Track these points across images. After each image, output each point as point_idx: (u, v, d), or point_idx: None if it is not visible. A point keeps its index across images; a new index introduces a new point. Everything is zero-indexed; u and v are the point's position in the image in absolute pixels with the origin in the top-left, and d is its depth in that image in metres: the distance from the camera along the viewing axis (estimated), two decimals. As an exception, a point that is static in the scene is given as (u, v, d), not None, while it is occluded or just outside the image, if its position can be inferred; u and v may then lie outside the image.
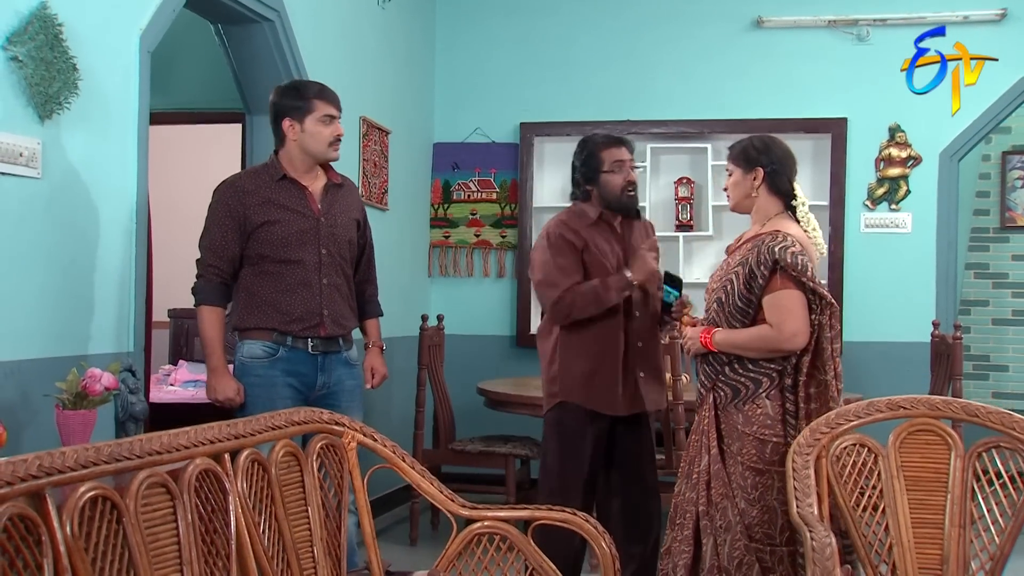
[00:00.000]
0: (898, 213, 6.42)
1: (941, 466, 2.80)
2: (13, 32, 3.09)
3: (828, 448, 2.79)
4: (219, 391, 3.52)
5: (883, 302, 6.41)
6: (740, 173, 3.39)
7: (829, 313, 3.18)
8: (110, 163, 3.58)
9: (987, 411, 2.78)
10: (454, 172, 6.90)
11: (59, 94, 3.25)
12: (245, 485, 2.20)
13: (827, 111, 6.47)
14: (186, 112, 6.02)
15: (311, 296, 3.57)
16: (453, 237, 6.89)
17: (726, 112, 6.58)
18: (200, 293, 3.59)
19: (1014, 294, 7.58)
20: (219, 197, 3.60)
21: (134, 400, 3.23)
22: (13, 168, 3.10)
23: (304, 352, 3.56)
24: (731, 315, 3.28)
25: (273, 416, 2.41)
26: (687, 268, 6.68)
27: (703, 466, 3.30)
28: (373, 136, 5.78)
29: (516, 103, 6.84)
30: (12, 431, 3.05)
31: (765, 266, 3.19)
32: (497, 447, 5.37)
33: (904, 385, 6.06)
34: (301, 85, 3.72)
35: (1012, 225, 7.57)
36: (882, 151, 6.42)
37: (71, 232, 3.38)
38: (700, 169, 6.65)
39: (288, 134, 3.59)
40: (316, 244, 3.59)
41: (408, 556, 5.07)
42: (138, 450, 1.91)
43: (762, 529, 3.20)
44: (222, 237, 3.54)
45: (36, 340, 3.22)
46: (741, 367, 3.26)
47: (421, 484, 2.62)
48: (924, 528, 2.77)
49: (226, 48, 4.78)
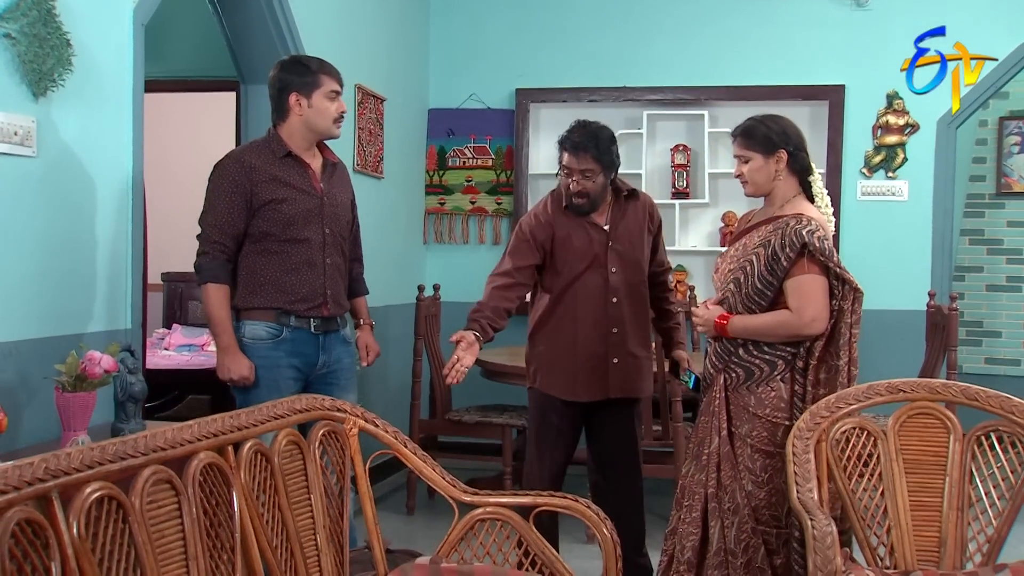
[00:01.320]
0: (895, 181, 6.40)
1: (940, 449, 2.82)
2: (5, 9, 3.04)
3: (828, 432, 2.80)
4: (233, 370, 3.44)
5: (879, 270, 6.39)
6: (761, 158, 3.31)
7: (853, 298, 3.15)
8: (105, 138, 3.54)
9: (987, 395, 2.79)
10: (449, 138, 6.86)
11: (53, 71, 3.20)
12: (248, 477, 2.20)
13: (825, 78, 6.43)
14: (179, 80, 5.95)
15: (315, 276, 3.55)
16: (448, 204, 6.86)
17: (724, 79, 6.54)
18: (207, 271, 3.47)
19: (1008, 260, 7.59)
20: (224, 172, 3.50)
21: (133, 380, 3.21)
22: (8, 148, 3.06)
23: (307, 332, 3.54)
24: (748, 296, 3.24)
25: (275, 405, 2.40)
26: (683, 235, 6.68)
27: (713, 448, 3.28)
28: (368, 104, 5.74)
29: (512, 69, 6.78)
30: (12, 412, 3.05)
31: (792, 249, 3.14)
32: (493, 417, 5.39)
33: (899, 354, 6.11)
34: (307, 60, 3.66)
35: (1008, 191, 7.57)
36: (879, 118, 6.39)
37: (67, 210, 3.35)
38: (697, 136, 6.62)
39: (294, 109, 3.53)
40: (320, 223, 3.56)
41: (405, 526, 5.10)
42: (142, 447, 1.91)
43: (769, 511, 3.19)
44: (228, 213, 3.45)
45: (33, 320, 3.20)
46: (756, 349, 3.23)
47: (423, 470, 2.63)
48: (923, 511, 2.80)
49: (220, 17, 4.72)
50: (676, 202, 6.60)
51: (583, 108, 6.72)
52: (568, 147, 3.83)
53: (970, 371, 7.16)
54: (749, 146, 3.33)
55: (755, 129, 3.35)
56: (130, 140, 3.66)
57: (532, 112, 6.78)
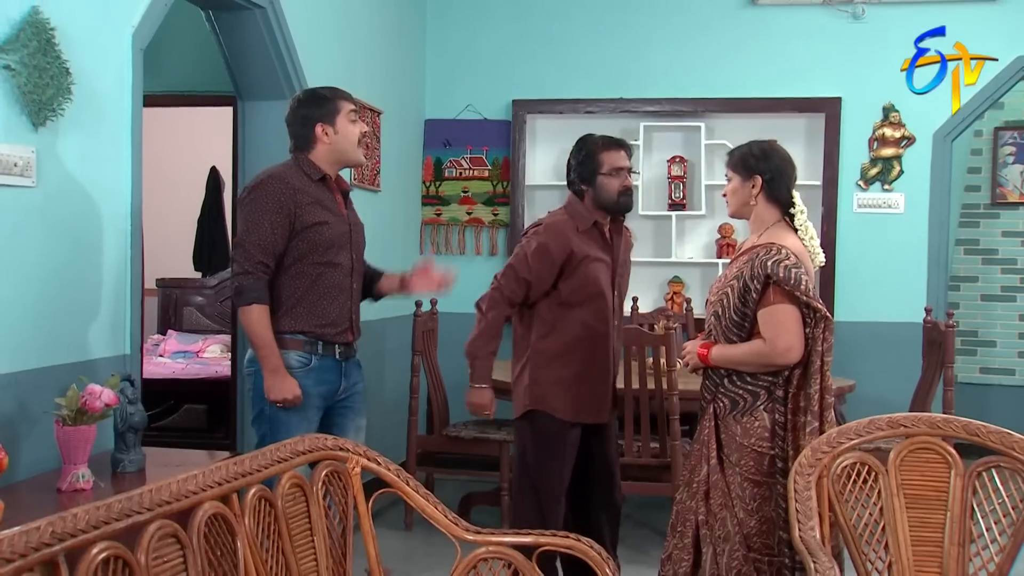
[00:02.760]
0: (891, 193, 6.42)
1: (941, 484, 2.82)
2: (6, 40, 3.04)
3: (830, 467, 2.80)
4: (286, 390, 3.39)
5: (875, 282, 6.43)
6: (739, 180, 3.37)
7: (823, 326, 3.18)
8: (104, 166, 3.53)
9: (987, 430, 2.79)
10: (446, 149, 6.85)
11: (52, 100, 3.20)
12: (252, 523, 2.20)
13: (821, 90, 6.45)
14: (177, 95, 5.93)
15: (344, 301, 3.57)
16: (445, 215, 6.86)
17: (720, 90, 6.55)
18: (251, 291, 3.38)
19: (1003, 270, 7.60)
20: (268, 191, 3.41)
21: (133, 411, 3.21)
22: (8, 179, 3.06)
23: (332, 358, 3.55)
24: (727, 328, 3.28)
25: (278, 448, 2.40)
26: (679, 247, 6.68)
27: (702, 476, 3.32)
28: (365, 118, 5.72)
29: (508, 80, 6.78)
30: (12, 443, 3.05)
31: (758, 280, 3.18)
32: (491, 433, 5.39)
33: (895, 367, 6.13)
34: (322, 90, 3.63)
35: (1003, 201, 7.58)
36: (876, 131, 6.41)
37: (66, 238, 3.34)
38: (693, 148, 6.62)
39: (321, 139, 3.51)
40: (349, 249, 3.58)
41: (403, 543, 5.10)
42: (148, 502, 1.90)
43: (760, 539, 3.23)
44: (272, 233, 3.38)
45: (33, 350, 3.19)
46: (740, 379, 3.27)
47: (425, 508, 2.62)
48: (924, 546, 2.80)
49: (217, 34, 4.71)
50: (673, 214, 6.61)
51: (579, 119, 6.73)
52: (612, 145, 3.93)
53: (965, 381, 7.17)
54: (732, 166, 3.42)
55: (742, 153, 3.42)
56: (129, 167, 3.65)
57: (529, 123, 6.78)
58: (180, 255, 8.71)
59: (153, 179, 5.71)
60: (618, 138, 4.00)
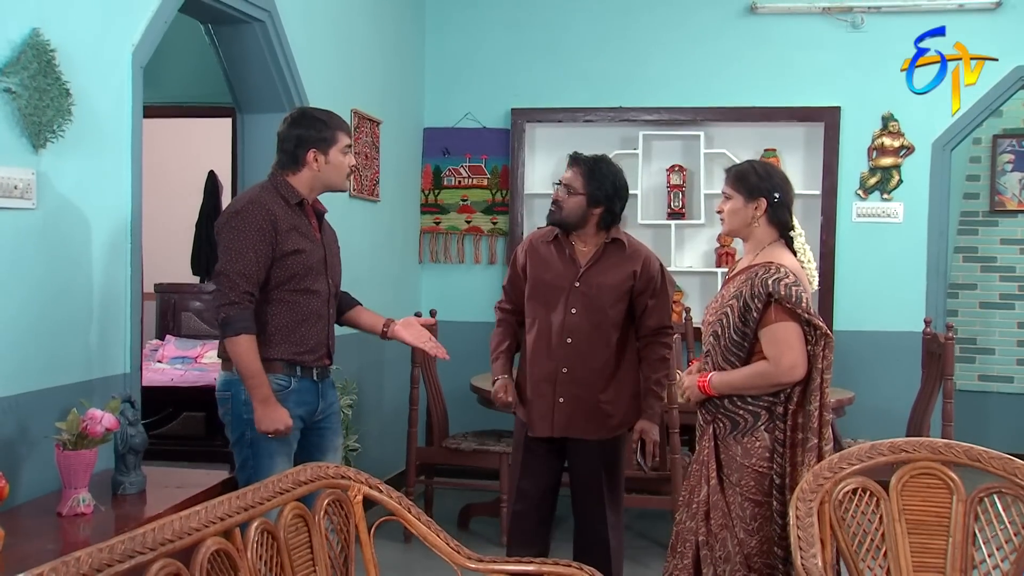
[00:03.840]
0: (890, 203, 6.42)
1: (943, 510, 2.82)
2: (6, 63, 3.03)
3: (831, 493, 2.80)
4: (278, 420, 3.34)
5: (874, 292, 6.43)
6: (741, 201, 3.34)
7: (824, 344, 3.18)
8: (103, 186, 3.52)
9: (989, 456, 2.79)
10: (444, 157, 6.85)
11: (52, 122, 3.18)
12: (255, 558, 2.19)
13: (821, 99, 6.45)
14: (176, 106, 5.92)
15: (322, 327, 3.53)
16: (444, 223, 6.85)
17: (719, 99, 6.54)
18: (239, 322, 3.32)
19: (1002, 278, 7.62)
20: (249, 219, 3.36)
21: (133, 432, 3.20)
22: (8, 202, 3.04)
23: (309, 380, 3.52)
24: (727, 349, 3.28)
25: (280, 479, 2.40)
26: (678, 255, 6.68)
27: (702, 497, 3.32)
28: (364, 128, 5.72)
29: (507, 88, 6.78)
30: (12, 466, 3.04)
31: (759, 299, 3.18)
32: (490, 445, 5.39)
33: (895, 377, 6.14)
34: (322, 115, 3.55)
35: (1001, 209, 7.59)
36: (875, 140, 6.41)
37: (65, 259, 3.33)
38: (692, 156, 6.62)
39: (310, 165, 3.46)
40: (325, 274, 3.54)
41: (403, 556, 5.09)
42: (151, 542, 1.90)
43: (761, 559, 3.23)
44: (256, 262, 3.34)
45: (33, 372, 3.18)
46: (740, 400, 3.27)
47: (427, 536, 2.62)
48: (926, 572, 2.79)
49: (216, 47, 4.70)
50: (672, 222, 6.61)
51: (578, 128, 6.73)
52: (568, 159, 3.97)
53: (964, 388, 7.17)
54: (734, 186, 3.38)
55: (745, 172, 3.39)
56: (129, 186, 3.64)
57: (528, 131, 6.78)
58: (178, 260, 8.70)
59: (152, 184, 5.71)
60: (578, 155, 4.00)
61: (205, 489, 3.33)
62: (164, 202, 8.29)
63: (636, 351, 3.94)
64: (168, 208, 8.42)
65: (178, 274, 8.75)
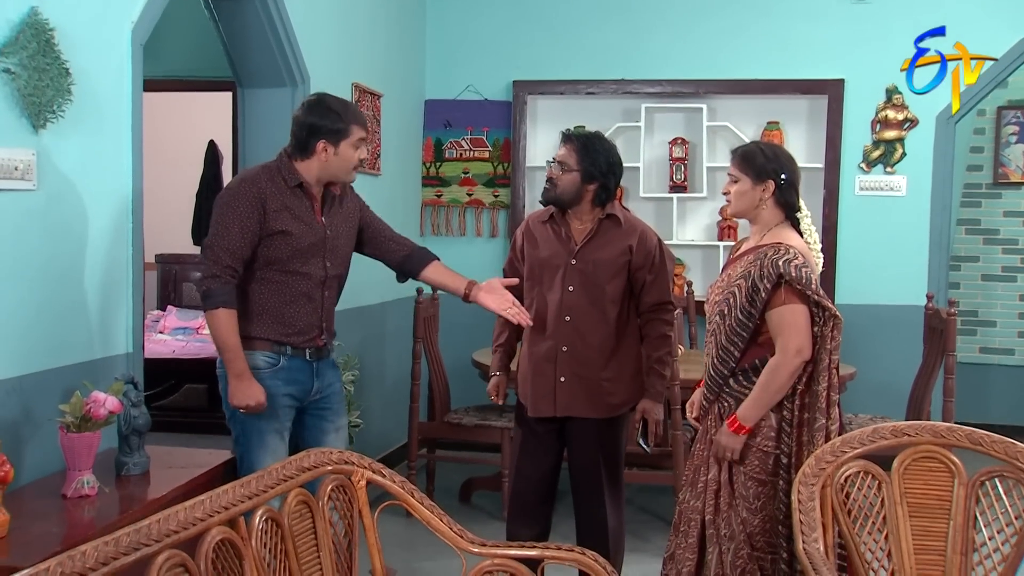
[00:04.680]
0: (893, 176, 6.39)
1: (944, 494, 2.83)
2: (5, 43, 3.00)
3: (833, 477, 2.81)
4: (250, 396, 3.36)
5: (876, 265, 6.42)
6: (749, 182, 3.32)
7: (832, 325, 3.18)
8: (104, 164, 3.51)
9: (991, 440, 2.80)
10: (446, 130, 6.82)
11: (52, 101, 3.16)
12: (259, 545, 2.21)
13: (824, 72, 6.40)
14: (176, 80, 5.88)
15: (313, 309, 3.52)
16: (445, 196, 6.83)
17: (722, 72, 6.50)
18: (218, 296, 3.34)
19: (1004, 250, 7.59)
20: (238, 196, 3.39)
21: (136, 414, 3.21)
22: (9, 184, 3.03)
23: (302, 360, 3.52)
24: (731, 329, 3.27)
25: (284, 466, 2.40)
26: (680, 228, 6.66)
27: (711, 476, 3.32)
28: (366, 102, 5.69)
29: (509, 61, 6.74)
30: (16, 449, 3.05)
31: (769, 280, 3.17)
32: (492, 420, 5.40)
33: (896, 350, 6.14)
34: (337, 107, 3.52)
35: (1005, 181, 7.55)
36: (879, 113, 6.37)
37: (67, 239, 3.32)
38: (695, 129, 6.59)
39: (320, 155, 3.45)
40: (322, 258, 3.52)
41: (405, 530, 5.10)
42: (156, 533, 1.91)
43: (764, 538, 3.25)
44: (241, 238, 3.36)
45: (37, 354, 3.18)
46: (745, 379, 3.27)
47: (431, 520, 2.63)
48: (927, 555, 2.81)
49: (216, 21, 4.66)
50: (674, 196, 6.59)
51: (581, 100, 6.70)
52: (561, 137, 3.94)
53: (964, 360, 7.17)
54: (741, 168, 3.35)
55: (752, 153, 3.35)
56: (130, 165, 3.62)
57: (529, 104, 6.74)
58: (179, 230, 8.68)
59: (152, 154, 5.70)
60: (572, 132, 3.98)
61: (208, 469, 3.35)
62: (165, 172, 8.27)
63: (637, 329, 3.93)
64: (169, 178, 8.40)
65: (179, 244, 8.74)
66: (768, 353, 3.22)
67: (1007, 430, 7.34)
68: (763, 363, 3.23)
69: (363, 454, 4.81)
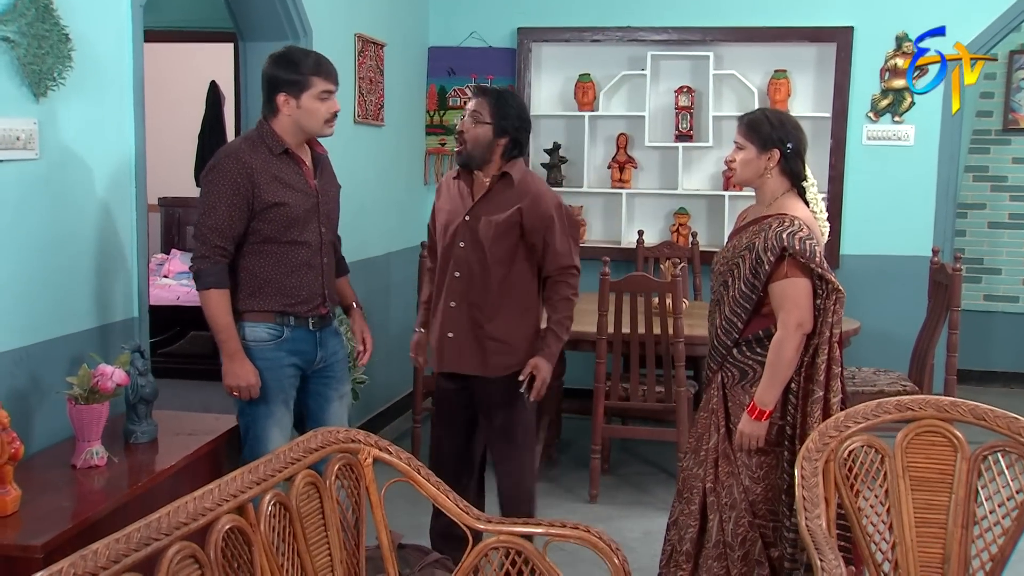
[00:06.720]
0: (901, 125, 6.33)
1: (947, 468, 2.84)
2: (3, 11, 2.96)
3: (836, 451, 2.82)
4: (241, 377, 3.35)
5: (882, 216, 6.39)
6: (754, 151, 3.29)
7: (835, 299, 3.18)
8: (107, 130, 3.48)
9: (994, 415, 2.81)
10: (450, 77, 6.75)
11: (53, 69, 3.13)
12: (268, 529, 2.23)
13: (833, 19, 6.32)
14: (177, 30, 5.81)
15: (314, 277, 3.50)
16: (449, 144, 6.78)
17: (730, 19, 6.42)
18: (209, 276, 3.33)
19: (1012, 197, 7.55)
20: (224, 173, 3.34)
21: (144, 383, 3.22)
22: (11, 153, 3.01)
23: (305, 329, 3.51)
24: (735, 300, 3.27)
25: (291, 448, 2.42)
26: (686, 177, 6.63)
27: (712, 444, 3.35)
28: (368, 52, 5.63)
29: (513, 7, 6.65)
30: (25, 419, 3.07)
31: (772, 252, 3.16)
32: (497, 373, 5.42)
33: (901, 302, 6.14)
34: (297, 58, 3.44)
35: (1015, 127, 7.48)
36: (888, 61, 6.30)
37: (71, 207, 3.31)
38: (701, 77, 6.52)
39: (283, 109, 3.39)
40: (317, 223, 3.49)
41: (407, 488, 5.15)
42: (166, 527, 1.93)
43: (766, 506, 3.29)
44: (229, 217, 3.32)
45: (43, 323, 3.18)
46: (749, 349, 3.28)
47: (437, 497, 2.67)
48: (928, 528, 2.83)
49: (217, -26, 4.60)
50: (679, 144, 6.54)
51: (586, 47, 6.62)
52: (473, 90, 3.93)
53: (969, 308, 7.17)
54: (747, 136, 3.31)
55: (758, 121, 3.31)
56: (132, 130, 3.60)
57: (534, 51, 6.67)
58: (182, 172, 8.64)
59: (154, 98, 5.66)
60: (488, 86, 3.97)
61: (215, 436, 3.37)
62: (167, 115, 8.20)
63: (537, 291, 3.88)
64: (171, 121, 8.33)
65: (182, 187, 8.70)
66: (772, 324, 3.22)
67: (1009, 377, 7.46)
68: (767, 334, 3.24)
69: (368, 405, 4.83)
